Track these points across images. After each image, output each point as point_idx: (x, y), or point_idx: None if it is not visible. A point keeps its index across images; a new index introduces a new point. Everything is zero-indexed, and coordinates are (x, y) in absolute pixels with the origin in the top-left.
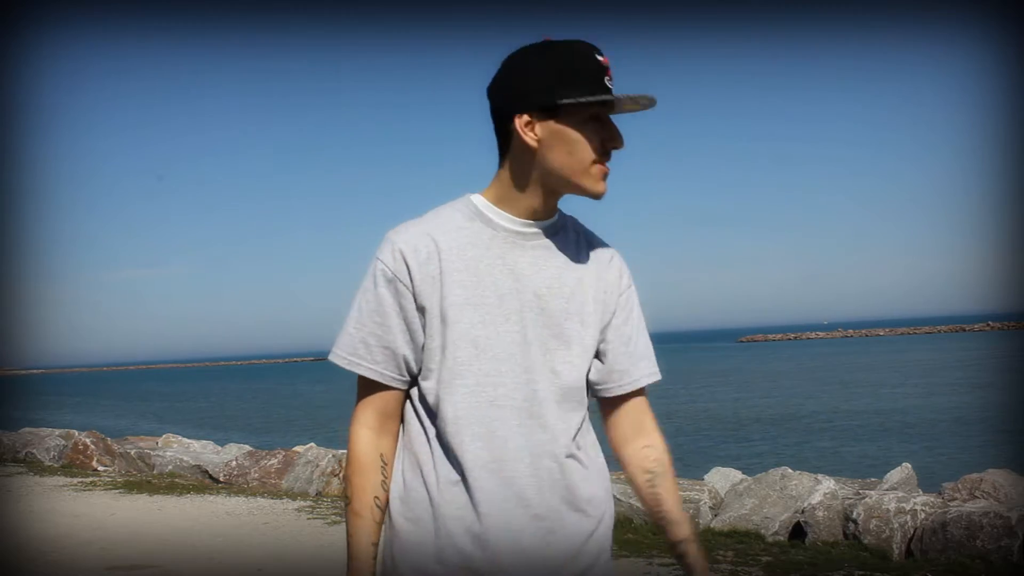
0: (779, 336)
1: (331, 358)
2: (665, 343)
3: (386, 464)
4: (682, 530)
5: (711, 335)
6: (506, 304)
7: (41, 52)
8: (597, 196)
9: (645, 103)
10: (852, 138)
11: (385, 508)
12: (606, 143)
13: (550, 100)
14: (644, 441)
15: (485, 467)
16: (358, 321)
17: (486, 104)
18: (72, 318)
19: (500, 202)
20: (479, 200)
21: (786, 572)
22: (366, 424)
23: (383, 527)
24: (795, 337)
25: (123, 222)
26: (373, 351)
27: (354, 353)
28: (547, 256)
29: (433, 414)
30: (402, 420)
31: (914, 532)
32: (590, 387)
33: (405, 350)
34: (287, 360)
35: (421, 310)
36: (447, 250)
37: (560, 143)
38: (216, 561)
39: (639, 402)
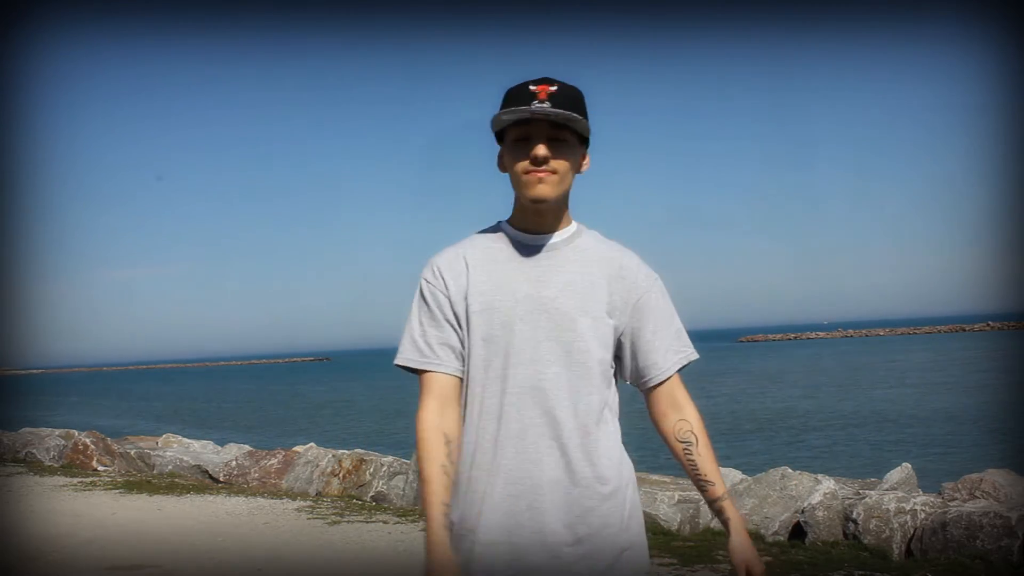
0: (779, 336)
1: (399, 363)
2: None
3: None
4: (717, 490)
5: (711, 335)
6: (521, 307)
7: (41, 51)
8: (532, 200)
9: (556, 116)
10: (853, 138)
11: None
12: (531, 153)
13: (495, 128)
14: (678, 415)
15: (498, 446)
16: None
17: (483, 103)
18: (72, 318)
19: (516, 222)
20: (504, 223)
21: (786, 572)
22: (430, 409)
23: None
24: (795, 337)
25: (123, 222)
26: (435, 350)
27: (419, 353)
28: (561, 263)
29: (464, 403)
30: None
31: (914, 532)
32: (631, 382)
33: (459, 345)
34: (288, 360)
35: (456, 316)
36: (473, 265)
37: (508, 162)
38: (216, 561)
39: (671, 383)
